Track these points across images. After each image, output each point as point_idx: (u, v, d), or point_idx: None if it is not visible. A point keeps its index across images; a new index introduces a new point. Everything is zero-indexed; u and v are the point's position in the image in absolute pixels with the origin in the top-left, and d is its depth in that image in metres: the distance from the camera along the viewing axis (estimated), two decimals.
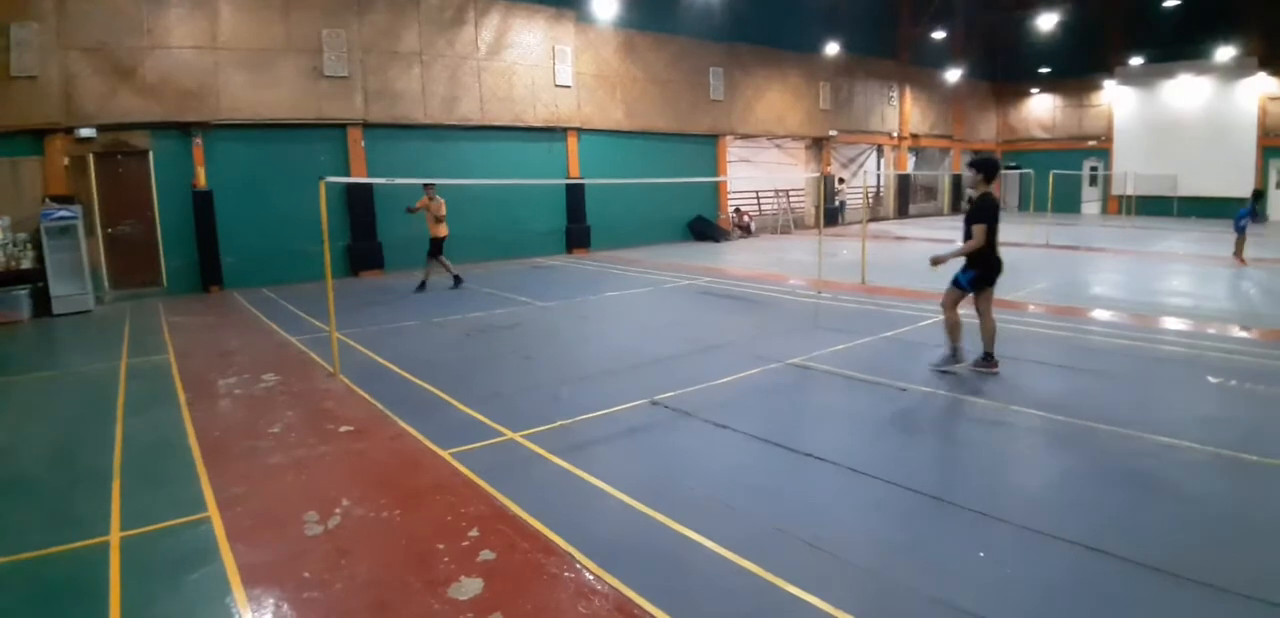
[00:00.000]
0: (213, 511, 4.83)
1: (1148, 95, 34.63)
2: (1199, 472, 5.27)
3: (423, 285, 14.72)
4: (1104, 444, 5.77)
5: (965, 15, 33.94)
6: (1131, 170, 34.04)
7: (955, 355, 7.78)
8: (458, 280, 14.87)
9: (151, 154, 15.09)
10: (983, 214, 7.41)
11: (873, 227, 27.39)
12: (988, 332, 7.72)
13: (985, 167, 7.55)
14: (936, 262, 8.09)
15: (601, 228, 22.22)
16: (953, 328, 7.75)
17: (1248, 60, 31.25)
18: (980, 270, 7.56)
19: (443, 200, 14.54)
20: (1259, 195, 17.99)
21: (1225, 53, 31.54)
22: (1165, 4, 31.04)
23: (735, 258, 19.90)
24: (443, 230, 14.52)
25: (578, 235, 21.79)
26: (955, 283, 7.72)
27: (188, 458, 5.82)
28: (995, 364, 7.71)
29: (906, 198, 35.00)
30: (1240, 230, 17.11)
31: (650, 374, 8.06)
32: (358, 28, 17.32)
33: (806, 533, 4.39)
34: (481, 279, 16.04)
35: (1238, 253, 16.91)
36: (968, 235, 7.51)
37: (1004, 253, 7.47)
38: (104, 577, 4.04)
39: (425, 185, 14.46)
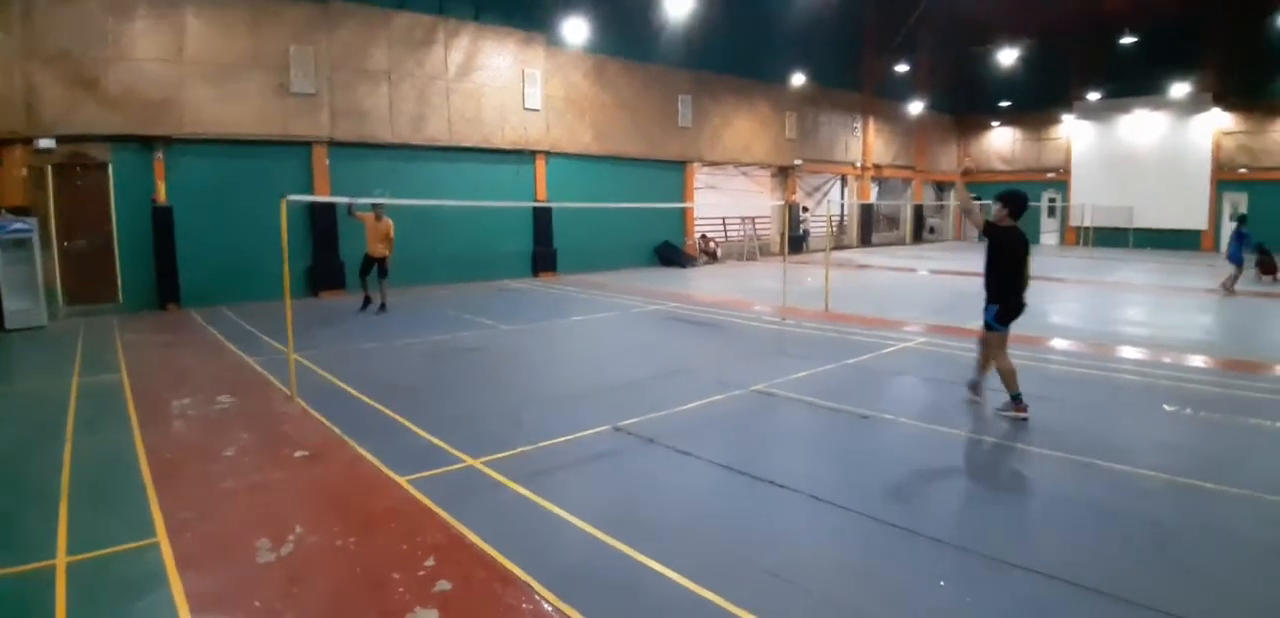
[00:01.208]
0: (162, 535, 4.72)
1: (1105, 129, 35.55)
2: (1155, 499, 5.36)
3: (383, 306, 14.52)
4: (1062, 472, 5.86)
5: (928, 49, 34.55)
6: (1089, 202, 34.81)
7: (1017, 401, 7.20)
8: (375, 304, 14.61)
9: (111, 167, 14.81)
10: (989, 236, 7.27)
11: (836, 255, 27.69)
12: (984, 361, 7.56)
13: (1009, 201, 7.20)
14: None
15: (569, 251, 22.20)
16: (1007, 375, 7.24)
17: (1202, 96, 32.23)
18: (1002, 304, 7.21)
19: (391, 220, 14.36)
20: (1243, 219, 18.15)
21: (1180, 89, 32.47)
22: (1122, 41, 31.87)
23: (701, 284, 19.98)
24: (386, 250, 14.34)
25: (545, 258, 21.75)
26: (988, 326, 7.36)
27: (138, 481, 5.69)
28: (981, 393, 7.66)
29: (870, 227, 35.48)
30: (1239, 261, 17.17)
31: (614, 400, 8.05)
32: (326, 45, 17.21)
33: (767, 561, 4.39)
34: (446, 301, 15.95)
35: (1231, 285, 17.00)
36: (991, 267, 7.29)
37: (966, 283, 7.43)
38: (50, 602, 3.93)
39: (374, 204, 14.15)
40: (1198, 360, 10.13)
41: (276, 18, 16.49)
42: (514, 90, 20.70)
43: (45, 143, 13.89)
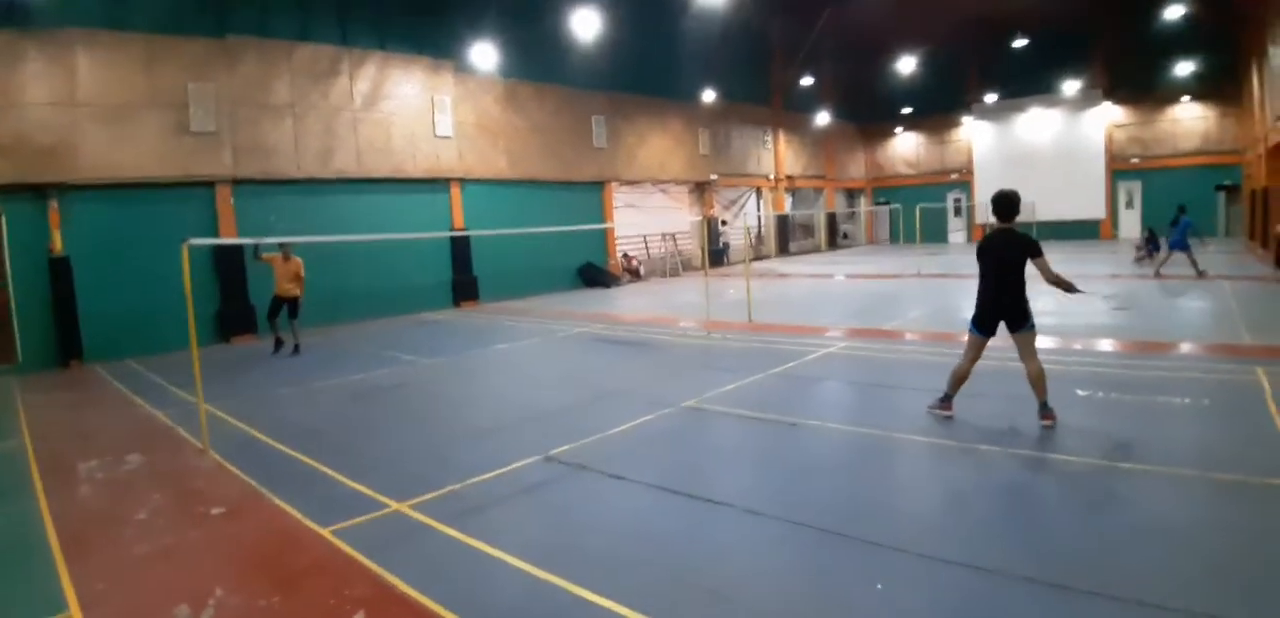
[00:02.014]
0: (75, 610, 4.48)
1: (1003, 129, 37.15)
2: (1075, 483, 5.61)
3: (296, 348, 13.99)
4: (984, 464, 6.09)
5: (831, 62, 35.50)
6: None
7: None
8: (287, 347, 14.03)
9: (3, 218, 14.05)
10: (1032, 246, 6.90)
11: (756, 266, 28.10)
12: (1035, 375, 6.96)
13: (998, 204, 7.11)
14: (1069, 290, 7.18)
15: (490, 279, 22.00)
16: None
17: (1093, 92, 34.03)
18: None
19: (300, 260, 13.89)
20: (1183, 208, 18.99)
21: (1073, 86, 34.14)
22: (1015, 44, 33.35)
23: (626, 303, 20.04)
24: (296, 290, 13.85)
25: (465, 287, 21.49)
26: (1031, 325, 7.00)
27: (46, 553, 5.39)
28: (1050, 417, 6.87)
29: (786, 237, 36.15)
30: (1185, 248, 17.78)
31: (543, 428, 7.97)
32: (227, 81, 16.71)
33: (707, 581, 4.42)
34: (363, 338, 15.62)
35: (1199, 271, 17.52)
36: (1013, 281, 6.93)
37: (881, 285, 7.36)
38: None
39: (281, 244, 13.74)
40: (1107, 344, 10.60)
41: (172, 54, 15.93)
42: (424, 118, 20.46)
43: None
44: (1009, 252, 6.95)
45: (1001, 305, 7.00)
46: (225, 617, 4.34)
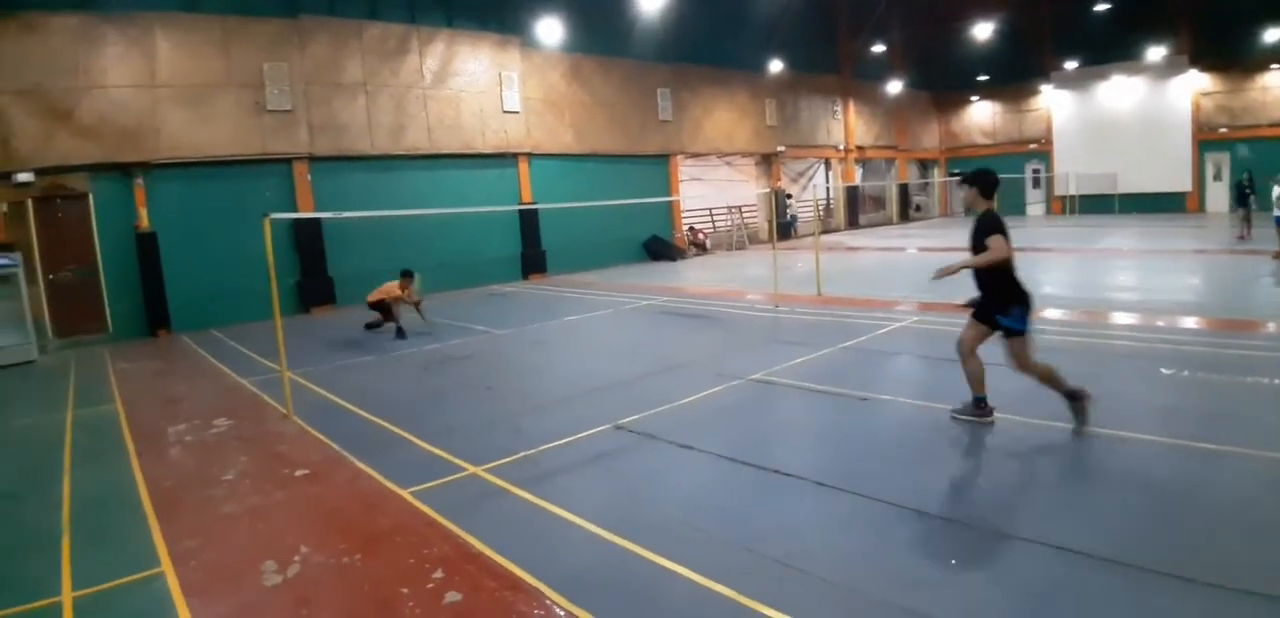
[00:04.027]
0: (167, 565, 4.68)
1: (1084, 97, 35.66)
2: (1157, 464, 5.37)
3: (400, 331, 13.24)
4: (1062, 443, 5.87)
5: (903, 28, 34.58)
6: (1072, 171, 34.96)
7: (981, 406, 6.38)
8: (402, 332, 13.22)
9: (92, 197, 14.70)
10: (997, 225, 6.02)
11: (825, 239, 27.70)
12: (1040, 372, 6.12)
13: (978, 181, 6.31)
14: (943, 273, 6.39)
15: (557, 252, 22.16)
16: (974, 377, 6.36)
17: (1178, 59, 32.36)
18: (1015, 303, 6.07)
19: (414, 289, 13.37)
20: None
21: (1156, 52, 32.60)
22: (1095, 8, 31.99)
23: (692, 276, 19.98)
24: (399, 298, 13.23)
25: (533, 261, 21.70)
26: (999, 324, 6.15)
27: (139, 512, 5.64)
28: (1084, 398, 6.00)
29: (856, 209, 35.50)
30: None
31: (613, 398, 8.01)
32: (299, 60, 17.10)
33: (777, 552, 4.38)
34: (436, 310, 15.87)
35: None
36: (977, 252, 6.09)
37: (953, 258, 6.75)
38: None
39: (403, 274, 13.31)
40: (1191, 322, 10.18)
41: (247, 35, 16.37)
42: (492, 94, 20.64)
43: (23, 176, 13.78)
44: (977, 237, 6.15)
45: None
46: (309, 573, 4.48)
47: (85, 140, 14.42)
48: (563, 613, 3.85)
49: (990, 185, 6.31)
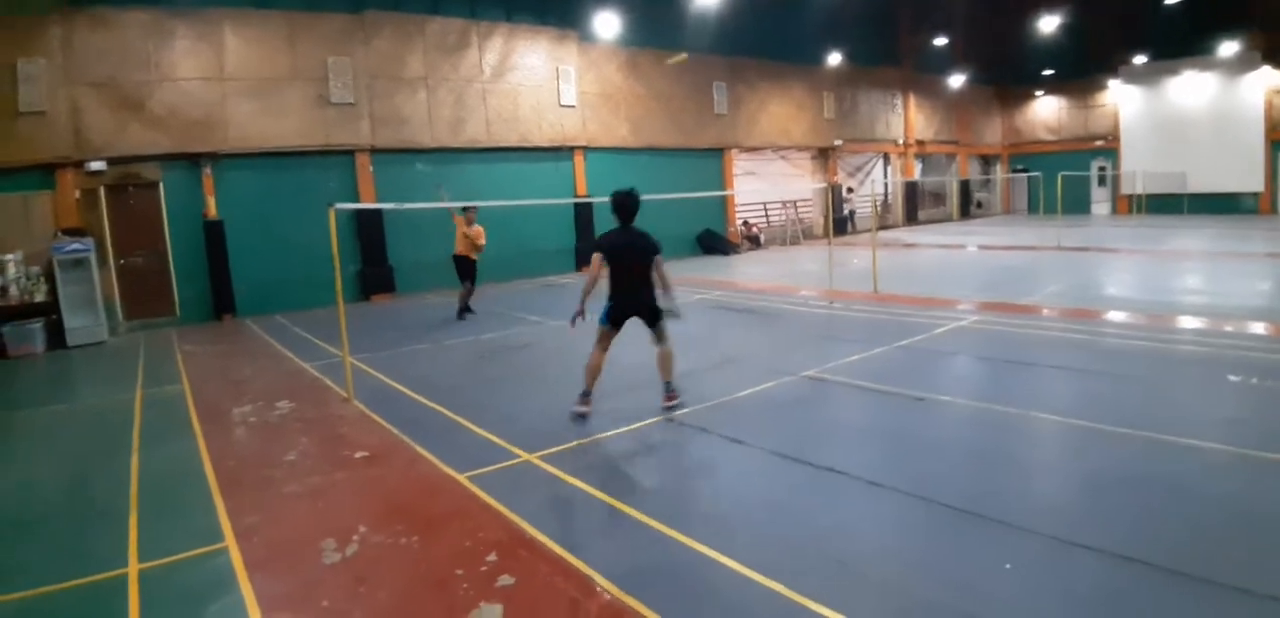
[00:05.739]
0: (230, 541, 4.81)
1: (1153, 93, 34.47)
2: (1224, 474, 5.18)
3: (462, 312, 13.73)
4: (1126, 449, 5.68)
5: (965, 21, 33.85)
6: (1140, 169, 33.92)
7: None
8: (464, 313, 13.72)
9: (162, 185, 15.19)
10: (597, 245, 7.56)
11: (882, 235, 27.31)
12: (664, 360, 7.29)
13: (617, 205, 7.79)
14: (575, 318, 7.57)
15: None
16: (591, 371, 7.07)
17: (1251, 55, 31.08)
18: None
19: (481, 227, 13.61)
20: None
21: (1229, 48, 31.39)
22: (1166, 1, 30.93)
23: (745, 270, 19.88)
24: (471, 254, 13.56)
25: (588, 253, 21.71)
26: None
27: (204, 488, 5.81)
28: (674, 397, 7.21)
29: (915, 205, 34.91)
30: None
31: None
32: (363, 55, 17.42)
33: (829, 549, 4.34)
34: (493, 299, 16.05)
35: None
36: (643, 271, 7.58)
37: (1017, 258, 6.89)
38: (123, 610, 4.03)
39: (465, 207, 13.58)
40: (1260, 328, 9.78)
41: (313, 31, 16.74)
42: (549, 88, 20.77)
43: (96, 165, 14.30)
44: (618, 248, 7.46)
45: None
46: (368, 552, 4.57)
47: (156, 131, 14.91)
48: (613, 601, 3.86)
49: (623, 209, 7.87)
